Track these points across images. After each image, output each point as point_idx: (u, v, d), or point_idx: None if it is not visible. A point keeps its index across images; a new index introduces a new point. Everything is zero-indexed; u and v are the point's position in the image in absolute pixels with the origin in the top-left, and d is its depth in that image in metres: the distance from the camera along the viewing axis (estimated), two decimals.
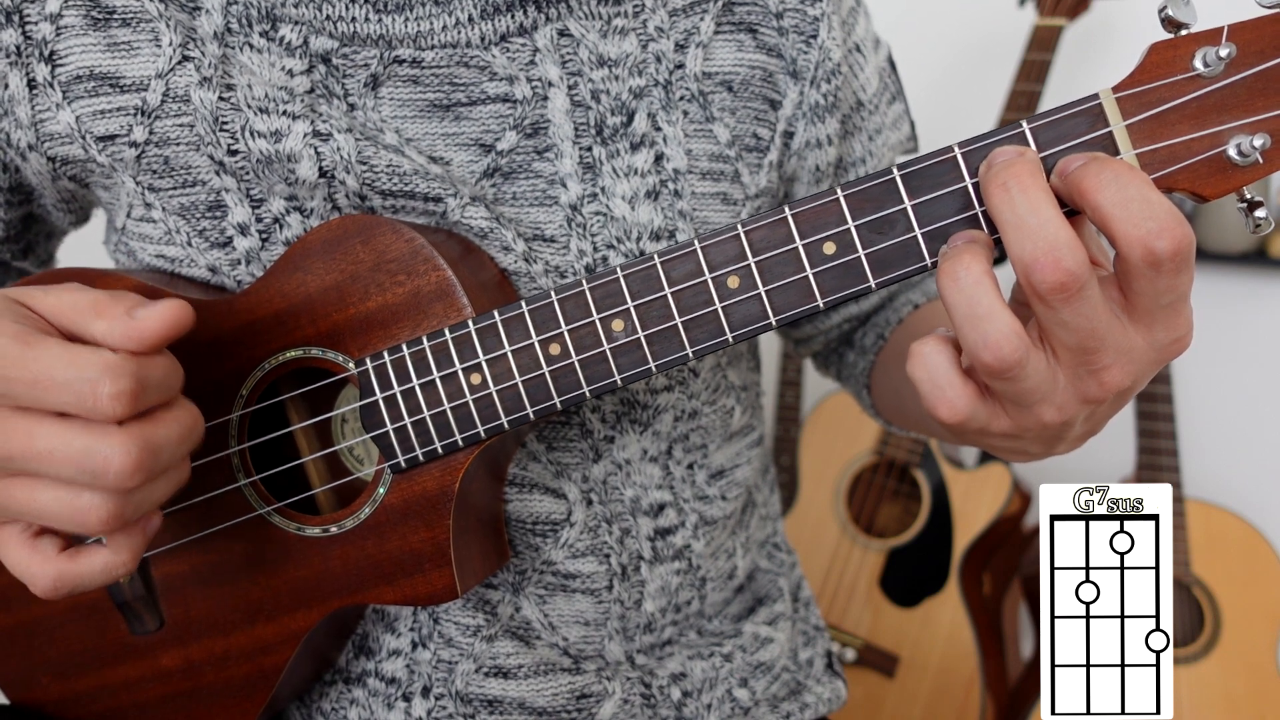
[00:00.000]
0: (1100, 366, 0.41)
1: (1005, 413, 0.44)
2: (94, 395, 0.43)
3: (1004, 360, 0.40)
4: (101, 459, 0.44)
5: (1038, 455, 0.49)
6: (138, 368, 0.45)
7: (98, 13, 0.56)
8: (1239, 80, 0.41)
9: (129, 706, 0.62)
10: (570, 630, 0.64)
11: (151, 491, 0.47)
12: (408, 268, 0.53)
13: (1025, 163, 0.41)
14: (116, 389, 0.44)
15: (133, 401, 0.44)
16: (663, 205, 0.60)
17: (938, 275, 0.42)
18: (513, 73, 0.58)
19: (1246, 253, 1.57)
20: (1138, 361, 0.42)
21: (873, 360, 0.73)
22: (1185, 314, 0.42)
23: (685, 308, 0.48)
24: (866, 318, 0.77)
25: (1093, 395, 0.42)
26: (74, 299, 0.47)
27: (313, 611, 0.57)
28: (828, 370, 0.83)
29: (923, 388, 0.43)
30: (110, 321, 0.46)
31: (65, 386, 0.44)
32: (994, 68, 1.66)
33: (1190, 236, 0.39)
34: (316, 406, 0.60)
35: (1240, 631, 1.43)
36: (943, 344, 0.43)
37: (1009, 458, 0.51)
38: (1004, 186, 0.41)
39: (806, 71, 0.64)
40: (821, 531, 1.65)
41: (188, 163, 0.57)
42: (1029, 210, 0.40)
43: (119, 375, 0.44)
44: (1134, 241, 0.39)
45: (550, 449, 0.62)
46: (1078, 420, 0.44)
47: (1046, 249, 0.39)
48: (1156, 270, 0.39)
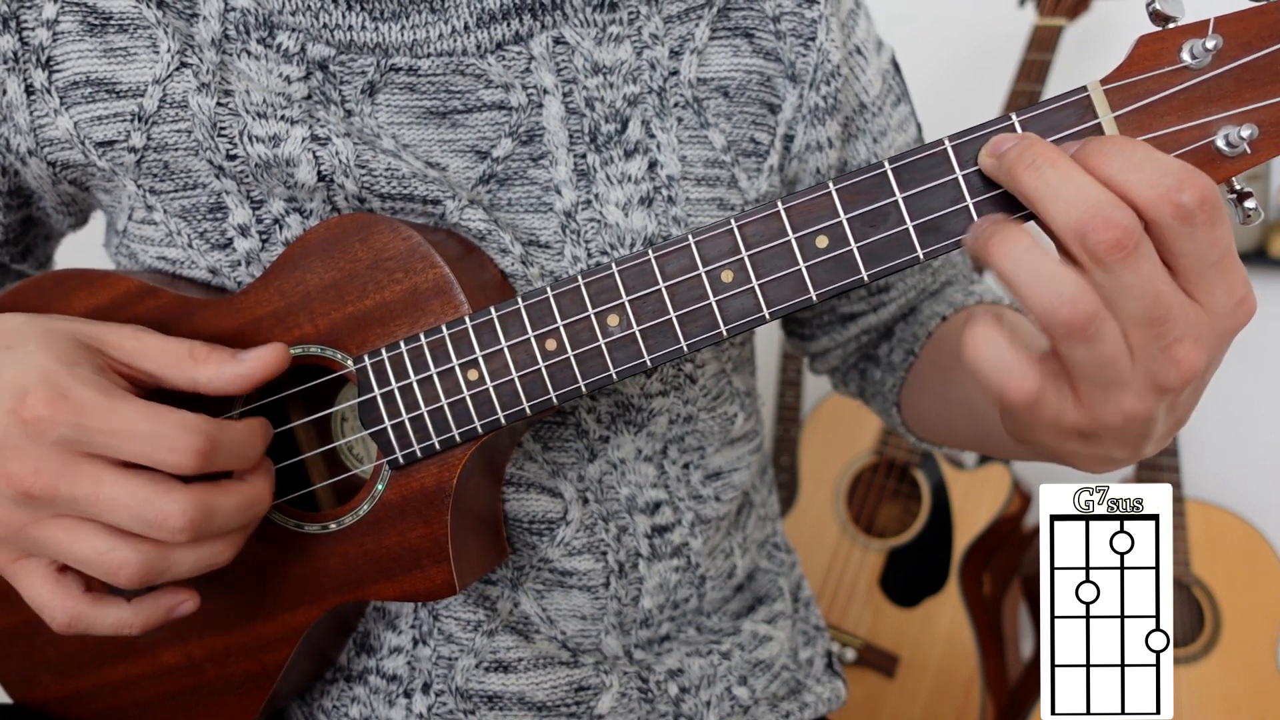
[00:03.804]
0: (1172, 339, 0.39)
1: (1079, 401, 0.42)
2: (170, 449, 0.47)
3: (1083, 312, 0.38)
4: (159, 511, 0.47)
5: (1125, 460, 0.46)
6: (215, 430, 0.48)
7: (94, 19, 0.56)
8: (1226, 72, 0.41)
9: (130, 704, 0.62)
10: (568, 624, 0.64)
11: (187, 556, 0.50)
12: (405, 265, 0.53)
13: (1040, 141, 0.41)
14: (190, 444, 0.47)
15: (202, 460, 0.48)
16: (657, 212, 0.60)
17: (988, 256, 0.41)
18: (508, 80, 0.58)
19: (1247, 253, 1.57)
20: (1208, 335, 0.40)
21: (903, 377, 0.72)
22: (1239, 271, 0.40)
23: (680, 302, 0.49)
24: (887, 330, 0.76)
25: (1168, 379, 0.40)
26: (165, 345, 0.51)
27: (313, 608, 0.57)
28: (847, 387, 0.81)
29: (987, 369, 0.41)
30: (217, 367, 0.51)
31: (141, 437, 0.47)
32: (994, 68, 1.66)
33: (1212, 185, 0.38)
34: (316, 404, 0.60)
35: (1240, 631, 1.43)
36: (997, 324, 0.41)
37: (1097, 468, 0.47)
38: (1031, 165, 0.40)
39: (805, 74, 0.64)
40: (821, 531, 1.65)
41: (187, 167, 0.57)
42: (1062, 179, 0.39)
43: (194, 433, 0.47)
44: (1158, 201, 0.38)
45: (546, 449, 0.62)
46: (1160, 414, 0.42)
47: (1093, 210, 0.38)
48: (1191, 224, 0.38)
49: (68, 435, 0.46)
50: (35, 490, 0.46)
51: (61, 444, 0.47)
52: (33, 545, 0.49)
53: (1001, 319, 0.41)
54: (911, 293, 0.73)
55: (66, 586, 0.51)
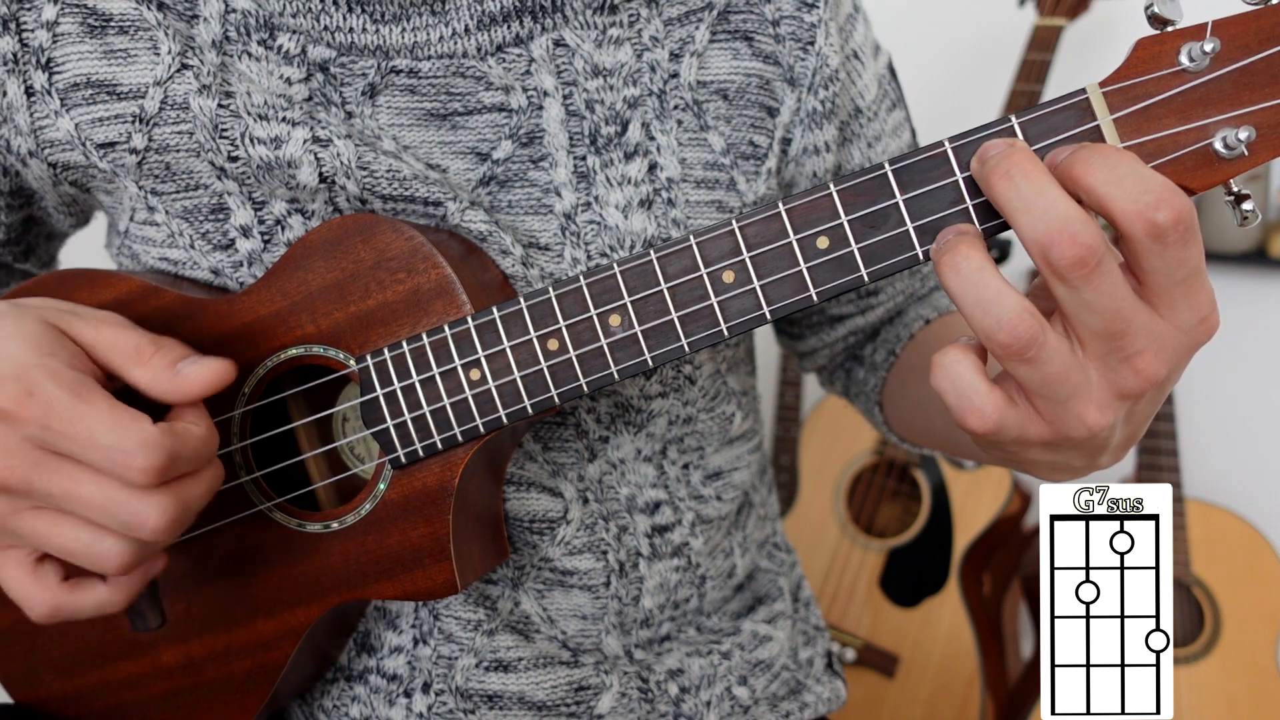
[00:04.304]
0: (1132, 352, 0.40)
1: (1040, 415, 0.42)
2: (126, 466, 0.46)
3: (1020, 338, 0.39)
4: (137, 513, 0.47)
5: (1081, 470, 0.47)
6: (173, 443, 0.47)
7: (94, 20, 0.56)
8: (1224, 75, 0.41)
9: (131, 703, 0.62)
10: (568, 624, 0.64)
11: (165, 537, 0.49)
12: (408, 265, 0.53)
13: (1021, 150, 0.41)
14: (147, 464, 0.46)
15: (159, 477, 0.47)
16: (656, 214, 0.60)
17: (938, 269, 0.42)
18: (508, 82, 0.58)
19: (1247, 253, 1.57)
20: (1169, 348, 0.41)
21: (884, 377, 0.73)
22: (1206, 290, 0.41)
23: (681, 302, 0.49)
24: (874, 331, 0.76)
25: (1130, 388, 0.41)
26: (117, 338, 0.49)
27: (314, 607, 0.57)
28: (833, 386, 0.82)
29: (948, 398, 0.42)
30: (154, 373, 0.49)
31: (102, 451, 0.46)
32: (994, 68, 1.66)
33: (1189, 206, 0.38)
34: (318, 404, 0.60)
35: (1240, 631, 1.43)
36: (965, 352, 0.42)
37: (1054, 477, 0.48)
38: (1006, 175, 0.41)
39: (804, 78, 0.64)
40: (821, 531, 1.66)
41: (189, 168, 0.57)
42: (1034, 192, 0.40)
43: (153, 451, 0.46)
44: (1133, 216, 0.38)
45: (546, 449, 0.62)
46: (1117, 423, 0.43)
47: (1060, 226, 0.39)
48: (1162, 243, 0.39)
49: (35, 435, 0.46)
50: (10, 483, 0.46)
51: (31, 440, 0.46)
52: (12, 535, 0.49)
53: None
54: (900, 296, 0.74)
55: (44, 577, 0.51)
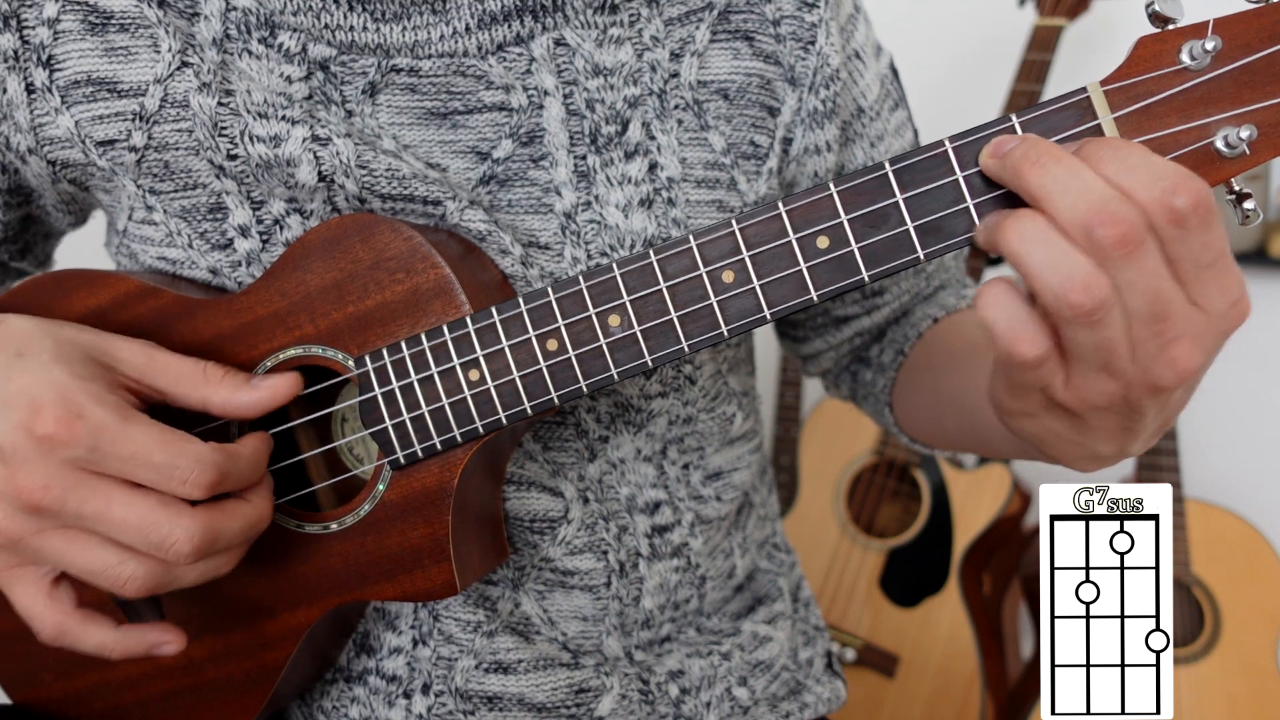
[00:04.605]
0: (1171, 338, 0.40)
1: (1070, 381, 0.42)
2: (180, 481, 0.48)
3: (1095, 296, 0.38)
4: (166, 535, 0.48)
5: (1111, 456, 0.46)
6: (225, 461, 0.50)
7: (95, 18, 0.56)
8: (1225, 73, 0.41)
9: (131, 704, 0.62)
10: (569, 625, 0.64)
11: (191, 571, 0.51)
12: (406, 266, 0.53)
13: (1042, 140, 0.41)
14: (202, 479, 0.48)
15: (211, 492, 0.49)
16: (656, 213, 0.60)
17: (1001, 236, 0.41)
18: (509, 82, 0.58)
19: (1247, 253, 1.57)
20: (1204, 335, 0.40)
21: (893, 378, 0.72)
22: (1234, 274, 0.40)
23: (680, 302, 0.49)
24: (879, 333, 0.76)
25: (1164, 379, 0.40)
26: (172, 362, 0.52)
27: (313, 608, 0.57)
28: (839, 389, 0.81)
29: (998, 326, 0.41)
30: (230, 390, 0.52)
31: (156, 468, 0.48)
32: (994, 68, 1.66)
33: (1206, 189, 0.38)
34: (316, 404, 0.60)
35: (1240, 631, 1.43)
36: (1011, 285, 0.41)
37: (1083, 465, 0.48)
38: (1037, 163, 0.40)
39: (805, 78, 0.64)
40: (821, 531, 1.65)
41: (188, 167, 0.57)
42: (1070, 175, 0.39)
43: (207, 467, 0.49)
44: (1152, 204, 0.38)
45: (546, 448, 0.62)
46: (1150, 410, 0.42)
47: (1100, 204, 0.38)
48: (1184, 229, 0.38)
49: (81, 456, 0.47)
50: (44, 504, 0.47)
51: (73, 462, 0.47)
52: (34, 554, 0.50)
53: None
54: (905, 296, 0.74)
55: (59, 600, 0.52)
